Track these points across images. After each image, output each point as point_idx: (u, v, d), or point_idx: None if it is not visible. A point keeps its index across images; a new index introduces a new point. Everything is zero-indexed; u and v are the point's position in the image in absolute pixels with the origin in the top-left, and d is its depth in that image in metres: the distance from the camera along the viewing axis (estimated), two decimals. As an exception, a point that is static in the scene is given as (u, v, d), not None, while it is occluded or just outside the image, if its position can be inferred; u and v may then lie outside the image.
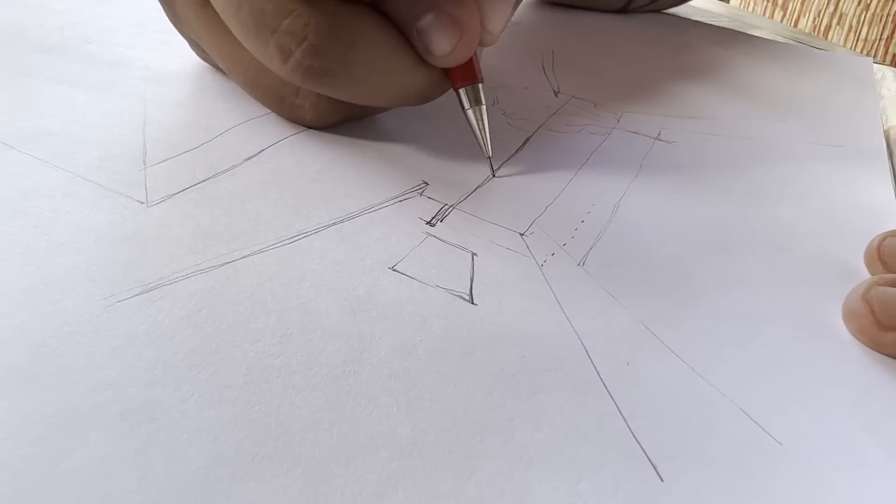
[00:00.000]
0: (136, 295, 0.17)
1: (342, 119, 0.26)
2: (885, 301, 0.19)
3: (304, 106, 0.25)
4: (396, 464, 0.14)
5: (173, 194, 0.21)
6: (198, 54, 0.29)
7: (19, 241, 0.18)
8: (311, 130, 0.26)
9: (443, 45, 0.23)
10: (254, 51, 0.22)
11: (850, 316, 0.20)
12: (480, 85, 0.24)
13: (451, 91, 0.25)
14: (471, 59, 0.24)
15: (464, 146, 0.26)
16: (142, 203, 0.20)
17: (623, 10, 0.48)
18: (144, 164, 0.22)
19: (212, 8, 0.24)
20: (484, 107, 0.25)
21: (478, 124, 0.25)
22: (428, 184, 0.24)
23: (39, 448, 0.13)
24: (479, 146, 0.25)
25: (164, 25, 0.28)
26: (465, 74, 0.24)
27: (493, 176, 0.25)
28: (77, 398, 0.14)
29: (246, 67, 0.25)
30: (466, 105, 0.24)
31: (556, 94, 0.33)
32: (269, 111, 0.26)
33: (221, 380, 0.15)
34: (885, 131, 0.34)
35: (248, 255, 0.19)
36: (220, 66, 0.27)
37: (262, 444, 0.14)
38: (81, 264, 0.17)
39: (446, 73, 0.24)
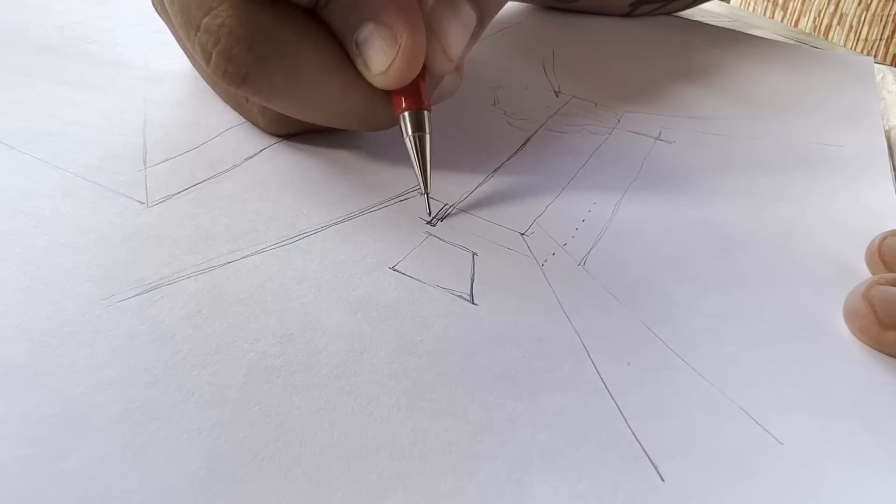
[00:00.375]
0: (137, 295, 0.17)
1: (297, 130, 0.25)
2: (886, 300, 0.19)
3: (253, 111, 0.24)
4: (397, 464, 0.14)
5: (173, 194, 0.21)
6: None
7: (19, 240, 0.18)
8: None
9: (379, 61, 0.20)
10: (189, 48, 0.21)
11: (851, 315, 0.19)
12: (426, 112, 0.22)
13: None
14: (416, 83, 0.21)
15: (464, 146, 0.26)
16: (142, 203, 0.20)
17: (628, 16, 0.48)
18: (145, 164, 0.22)
19: None
20: (428, 136, 0.21)
21: (417, 155, 0.21)
22: (428, 184, 0.24)
23: (40, 448, 0.13)
24: (417, 180, 0.22)
25: (164, 26, 0.28)
26: (409, 98, 0.21)
27: (430, 215, 0.22)
28: (77, 398, 0.14)
29: (200, 64, 0.23)
30: (408, 130, 0.21)
31: (556, 94, 0.33)
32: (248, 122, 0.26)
33: (222, 380, 0.15)
34: (886, 132, 0.34)
35: (249, 256, 0.19)
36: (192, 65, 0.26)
37: (262, 444, 0.14)
38: (81, 264, 0.17)
39: (389, 94, 0.22)
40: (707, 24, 0.49)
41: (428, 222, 0.21)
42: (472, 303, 0.18)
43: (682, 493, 0.14)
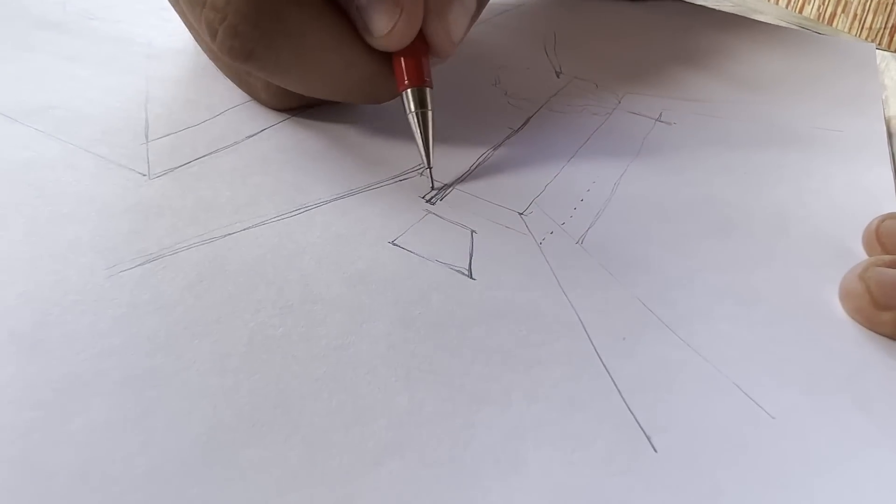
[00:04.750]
0: (139, 265, 0.17)
1: (299, 104, 0.25)
2: (882, 281, 0.19)
3: (257, 86, 0.24)
4: (394, 432, 0.14)
5: (175, 167, 0.21)
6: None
7: (22, 211, 0.18)
8: (311, 110, 0.26)
9: (381, 23, 0.21)
10: (194, 24, 0.21)
11: (846, 295, 0.20)
12: (428, 90, 0.22)
13: (451, 76, 0.25)
14: (420, 61, 0.22)
15: (465, 126, 0.26)
16: (144, 175, 0.20)
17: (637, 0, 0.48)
18: (146, 137, 0.22)
19: None
20: (430, 112, 0.22)
21: (420, 131, 0.22)
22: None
23: (44, 412, 0.13)
24: (420, 155, 0.22)
25: (166, 3, 0.28)
26: (412, 75, 0.22)
27: (433, 189, 0.22)
28: (80, 365, 0.14)
29: (204, 40, 0.24)
30: (410, 108, 0.22)
31: (558, 74, 0.33)
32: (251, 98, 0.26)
33: (223, 349, 0.15)
34: (886, 120, 0.34)
35: (250, 228, 0.19)
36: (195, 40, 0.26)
37: (262, 412, 0.14)
38: (84, 235, 0.18)
39: (391, 70, 0.23)
40: (710, 9, 0.49)
41: (428, 200, 0.22)
42: (471, 277, 0.19)
43: (674, 464, 0.14)
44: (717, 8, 0.50)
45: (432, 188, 0.22)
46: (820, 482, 0.14)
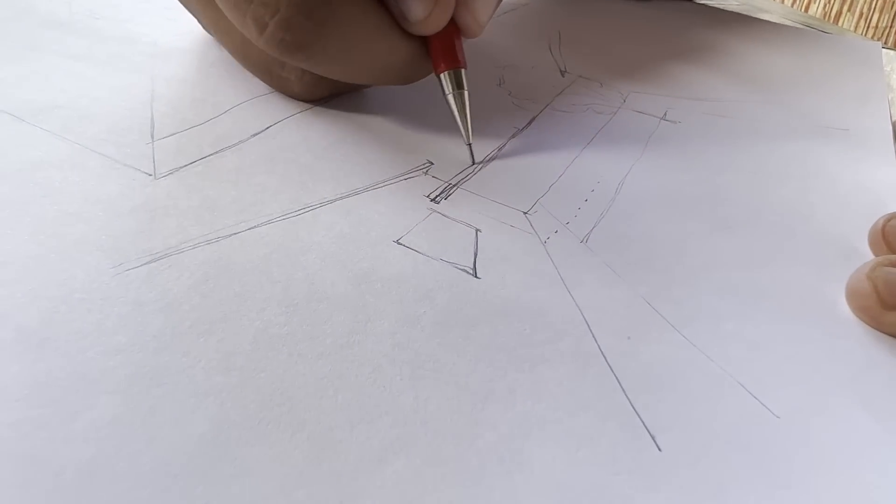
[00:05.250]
0: (145, 264, 0.17)
1: (331, 93, 0.26)
2: (889, 281, 0.19)
3: (290, 79, 0.25)
4: (399, 430, 0.14)
5: (181, 167, 0.21)
6: (205, 29, 0.29)
7: (30, 210, 0.18)
8: (317, 108, 0.26)
9: (418, 10, 0.22)
10: (234, 21, 0.22)
11: (853, 294, 0.20)
12: (463, 70, 0.24)
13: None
14: (453, 44, 0.24)
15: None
16: (149, 175, 0.20)
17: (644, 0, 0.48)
18: (152, 137, 0.22)
19: None
20: (466, 92, 0.24)
21: (459, 111, 0.24)
22: (433, 163, 0.24)
23: (51, 409, 0.13)
24: (461, 133, 0.24)
25: (171, 2, 0.28)
26: (448, 58, 0.24)
27: (474, 163, 0.24)
28: (87, 362, 0.14)
29: (235, 39, 0.25)
30: (448, 90, 0.24)
31: (562, 73, 0.33)
32: (278, 91, 0.27)
33: (228, 347, 0.15)
34: (893, 123, 0.34)
35: (255, 227, 0.19)
36: (214, 37, 0.27)
37: (267, 410, 0.14)
38: (90, 234, 0.18)
39: (427, 53, 0.24)
40: (715, 7, 0.49)
41: (432, 200, 0.22)
42: (475, 276, 0.19)
43: (678, 463, 0.14)
44: (722, 7, 0.50)
45: (473, 163, 0.24)
46: (825, 482, 0.14)
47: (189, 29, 0.30)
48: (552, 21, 0.41)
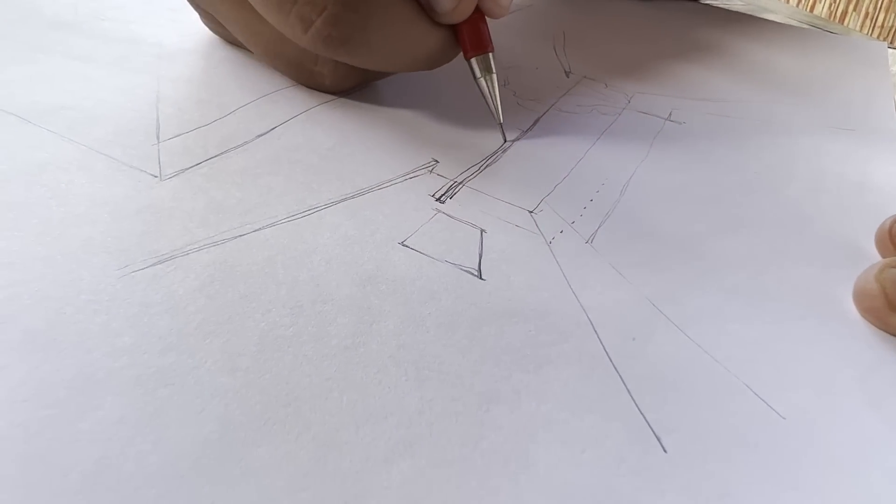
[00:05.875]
0: (151, 266, 0.17)
1: (359, 83, 0.27)
2: (897, 283, 0.19)
3: (322, 73, 0.26)
4: (404, 431, 0.14)
5: (186, 169, 0.21)
6: (210, 27, 0.29)
7: (36, 212, 0.18)
8: (321, 107, 0.26)
9: (445, 2, 0.23)
10: (275, 21, 0.23)
11: (860, 295, 0.20)
12: (491, 54, 0.25)
13: (460, 67, 0.25)
14: (481, 29, 0.25)
15: (473, 123, 0.26)
16: (155, 177, 0.20)
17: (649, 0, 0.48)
18: (158, 138, 0.22)
19: None
20: (495, 75, 0.25)
21: (489, 92, 0.26)
22: (438, 161, 0.24)
23: (57, 410, 0.13)
24: (491, 114, 0.26)
25: (176, 3, 0.28)
26: (476, 44, 0.25)
27: (505, 141, 0.26)
28: (93, 363, 0.14)
29: (266, 38, 0.26)
30: (478, 73, 0.25)
31: (567, 74, 0.33)
32: (280, 88, 0.27)
33: (234, 348, 0.15)
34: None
35: (260, 229, 0.19)
36: (239, 37, 0.27)
37: (273, 410, 0.14)
38: (96, 235, 0.18)
39: (455, 38, 0.25)
40: (720, 8, 0.49)
41: (437, 199, 0.22)
42: (480, 278, 0.19)
43: (684, 464, 0.14)
44: (727, 7, 0.50)
45: (504, 141, 0.26)
46: (831, 483, 0.14)
47: (195, 30, 0.30)
48: (557, 22, 0.41)
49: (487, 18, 0.26)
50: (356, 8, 0.22)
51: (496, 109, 0.26)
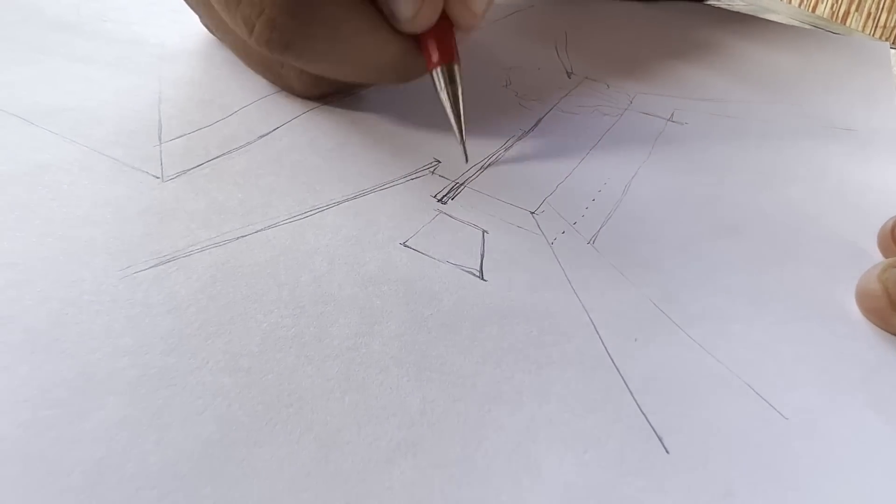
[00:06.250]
0: (153, 266, 0.17)
1: (331, 91, 0.26)
2: (900, 283, 0.19)
3: (289, 76, 0.25)
4: (406, 431, 0.14)
5: (188, 169, 0.21)
6: (209, 29, 0.29)
7: (38, 213, 0.18)
8: (323, 108, 0.26)
9: (405, 9, 0.22)
10: (228, 21, 0.23)
11: (863, 295, 0.20)
12: (456, 66, 0.23)
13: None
14: (444, 40, 0.23)
15: (476, 125, 0.26)
16: (157, 178, 0.20)
17: (650, 0, 0.48)
18: (160, 139, 0.22)
19: None
20: (459, 88, 0.23)
21: (451, 107, 0.23)
22: (440, 162, 0.24)
23: (59, 410, 0.13)
24: (452, 129, 0.23)
25: (178, 5, 0.28)
26: (438, 54, 0.23)
27: (467, 161, 0.24)
28: (95, 364, 0.14)
29: (235, 37, 0.25)
30: (439, 86, 0.23)
31: (569, 75, 0.33)
32: (281, 89, 0.27)
33: (236, 349, 0.15)
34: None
35: (262, 230, 0.19)
36: (216, 36, 0.27)
37: (275, 411, 0.14)
38: (99, 236, 0.18)
39: (419, 49, 0.23)
40: (722, 8, 0.49)
41: (439, 200, 0.22)
42: (482, 279, 0.19)
43: (686, 465, 0.14)
44: (729, 7, 0.50)
45: (466, 160, 0.24)
46: (834, 483, 0.14)
47: (196, 31, 0.30)
48: (558, 22, 0.41)
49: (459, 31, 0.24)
50: (294, 13, 0.21)
51: (459, 127, 0.23)
